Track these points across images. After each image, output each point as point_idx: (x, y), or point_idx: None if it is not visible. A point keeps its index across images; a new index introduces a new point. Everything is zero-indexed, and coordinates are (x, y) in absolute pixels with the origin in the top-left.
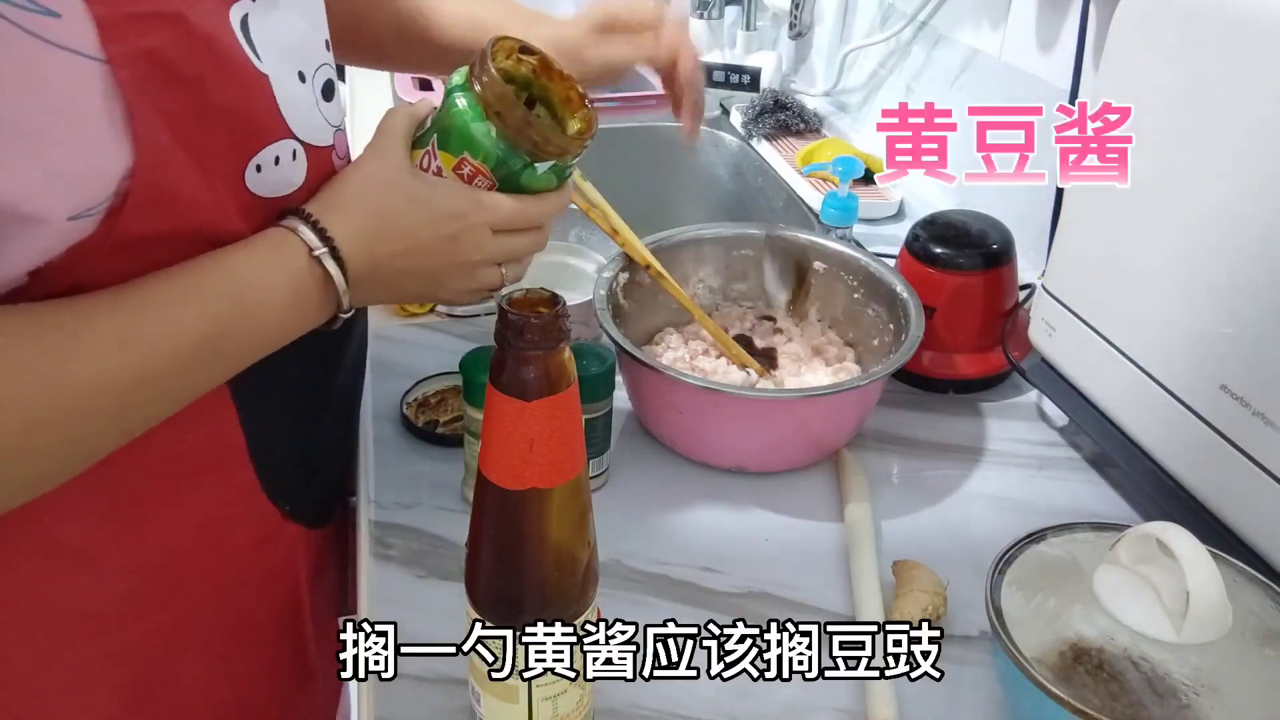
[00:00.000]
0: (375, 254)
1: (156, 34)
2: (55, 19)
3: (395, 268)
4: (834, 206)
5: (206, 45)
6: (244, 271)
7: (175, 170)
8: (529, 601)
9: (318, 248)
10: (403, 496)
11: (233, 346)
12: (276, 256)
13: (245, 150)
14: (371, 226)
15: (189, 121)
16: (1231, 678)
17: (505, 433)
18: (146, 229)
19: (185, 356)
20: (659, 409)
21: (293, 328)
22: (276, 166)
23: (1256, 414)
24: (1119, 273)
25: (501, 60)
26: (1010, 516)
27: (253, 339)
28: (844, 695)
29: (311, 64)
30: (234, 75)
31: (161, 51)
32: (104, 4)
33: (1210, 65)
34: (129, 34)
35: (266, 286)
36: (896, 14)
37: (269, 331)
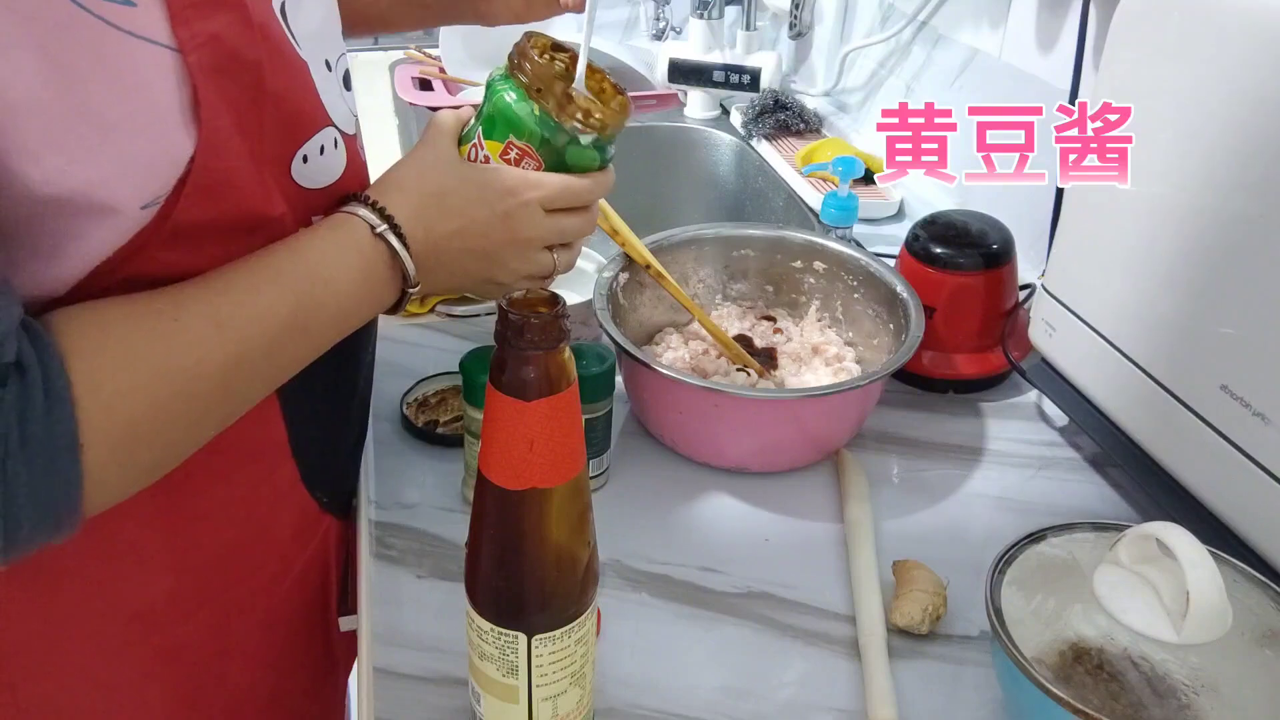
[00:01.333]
0: (433, 232)
1: (219, 19)
2: (131, 8)
3: (453, 247)
4: (834, 206)
5: (263, 32)
6: (314, 253)
7: (231, 158)
8: (529, 601)
9: (379, 225)
10: (403, 496)
11: (316, 326)
12: (342, 237)
13: (294, 139)
14: (428, 205)
15: (246, 108)
16: (1231, 678)
17: (505, 433)
18: (200, 217)
19: (275, 336)
20: (659, 409)
21: (367, 305)
22: (321, 156)
23: (1256, 414)
24: (1119, 273)
25: (536, 57)
26: (1010, 516)
27: (332, 317)
28: (844, 695)
29: (335, 52)
30: (285, 63)
31: (224, 37)
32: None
33: (1210, 65)
34: (195, 19)
35: (338, 265)
36: (896, 14)
37: (346, 309)
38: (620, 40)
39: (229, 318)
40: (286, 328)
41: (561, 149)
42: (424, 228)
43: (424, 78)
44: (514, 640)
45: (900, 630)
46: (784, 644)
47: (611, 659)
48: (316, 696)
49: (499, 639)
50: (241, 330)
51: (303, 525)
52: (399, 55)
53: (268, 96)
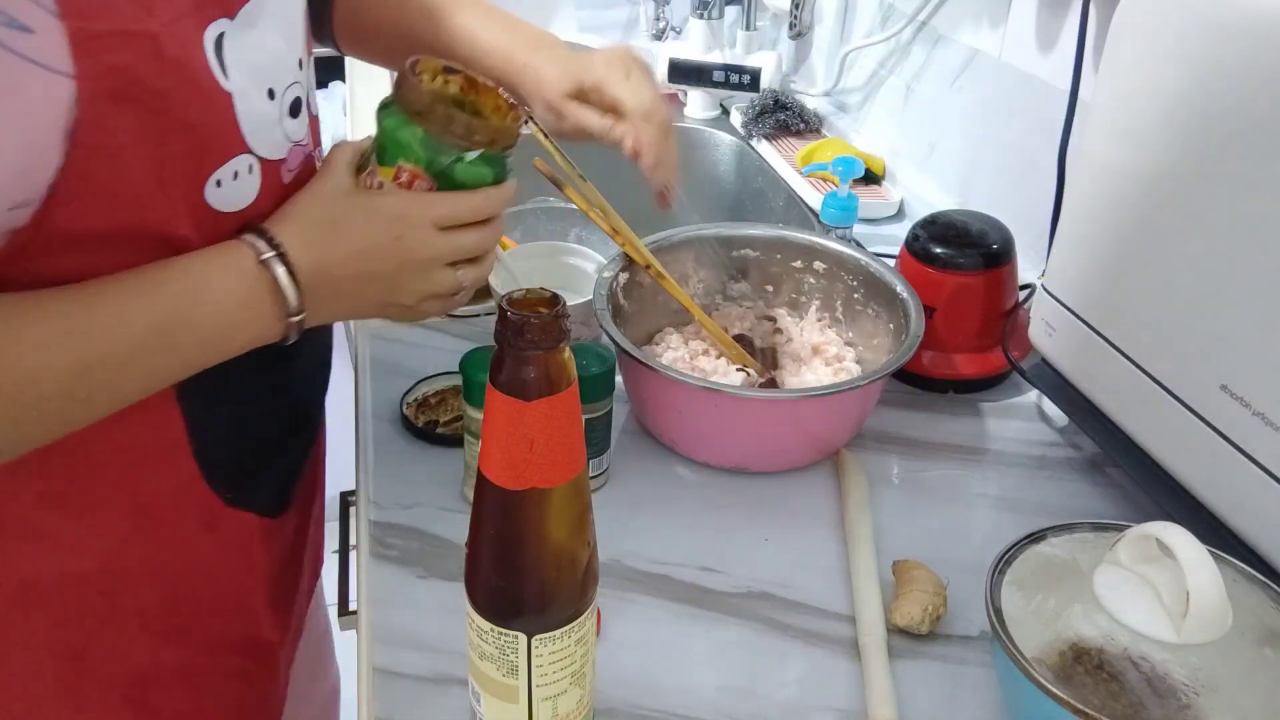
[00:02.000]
0: (324, 260)
1: (127, 51)
2: (29, 34)
3: (347, 274)
4: (834, 206)
5: (174, 65)
6: (194, 272)
7: (123, 173)
8: (529, 601)
9: (265, 252)
10: (403, 496)
11: (180, 344)
12: (227, 260)
13: (205, 164)
14: (319, 233)
15: (147, 132)
16: (1231, 678)
17: (505, 433)
18: (89, 225)
19: (129, 348)
20: (659, 409)
21: (244, 331)
22: (235, 181)
23: (1256, 414)
24: (1119, 273)
25: (428, 82)
26: (1010, 516)
27: (201, 339)
28: (844, 695)
29: (282, 81)
30: (198, 94)
31: (129, 68)
32: (79, 20)
33: (1210, 65)
34: (99, 50)
35: (216, 287)
36: (896, 14)
37: (219, 334)
38: (620, 40)
39: (84, 325)
40: (145, 342)
41: (449, 168)
42: (313, 256)
43: None
44: (514, 640)
45: (900, 630)
46: (784, 644)
47: (611, 659)
48: (238, 676)
49: (499, 639)
50: (94, 338)
51: (206, 520)
52: None
53: (175, 125)
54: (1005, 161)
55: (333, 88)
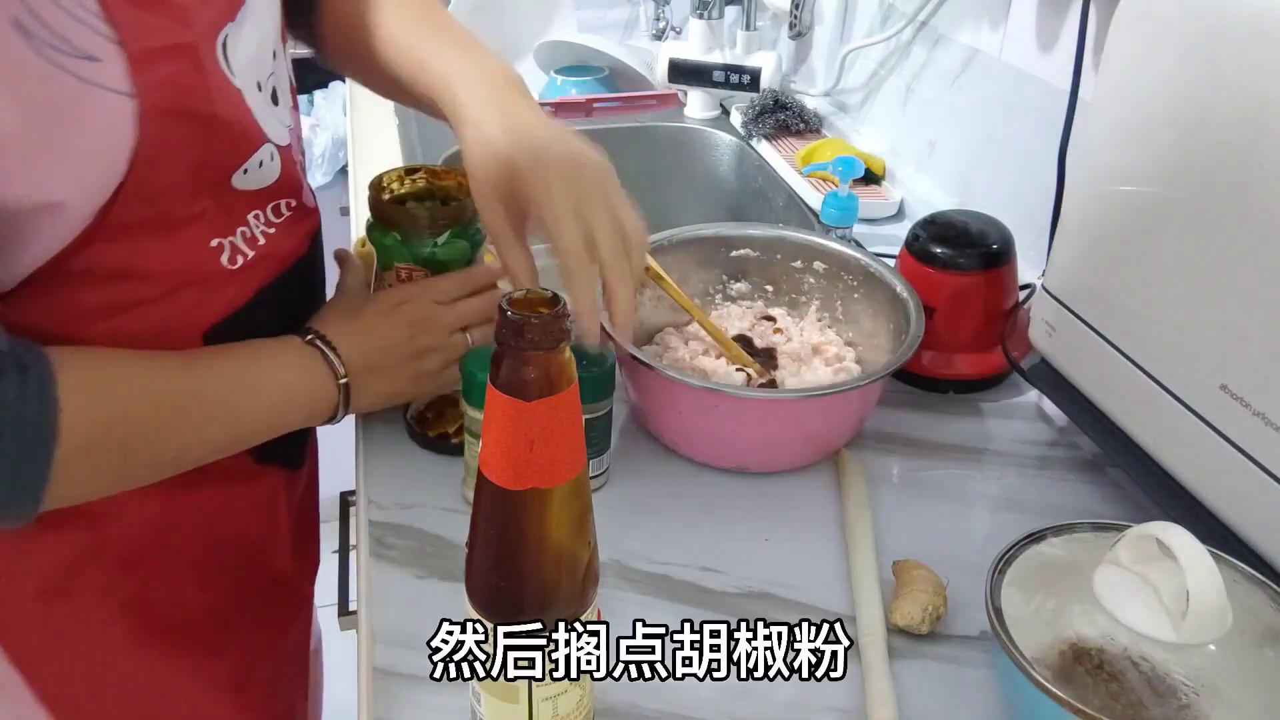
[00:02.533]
0: (357, 349)
1: (174, 65)
2: (96, 63)
3: (378, 361)
4: (834, 206)
5: (210, 72)
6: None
7: (170, 174)
8: (529, 601)
9: (307, 334)
10: (403, 496)
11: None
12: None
13: (237, 158)
14: (346, 328)
15: (192, 138)
16: (1231, 678)
17: (505, 433)
18: (135, 217)
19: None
20: (659, 409)
21: (303, 401)
22: (260, 169)
23: (1256, 414)
24: (1119, 272)
25: (396, 188)
26: (1010, 516)
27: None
28: (844, 695)
29: (265, 72)
30: (224, 95)
31: (178, 81)
32: (136, 41)
33: (1210, 65)
34: (154, 67)
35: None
36: (896, 14)
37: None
38: (620, 40)
39: (189, 361)
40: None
41: (430, 255)
42: (348, 345)
43: None
44: None
45: (900, 630)
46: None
47: None
48: (260, 618)
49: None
50: (199, 375)
51: (242, 477)
52: None
53: (214, 126)
54: (1005, 161)
55: (333, 88)
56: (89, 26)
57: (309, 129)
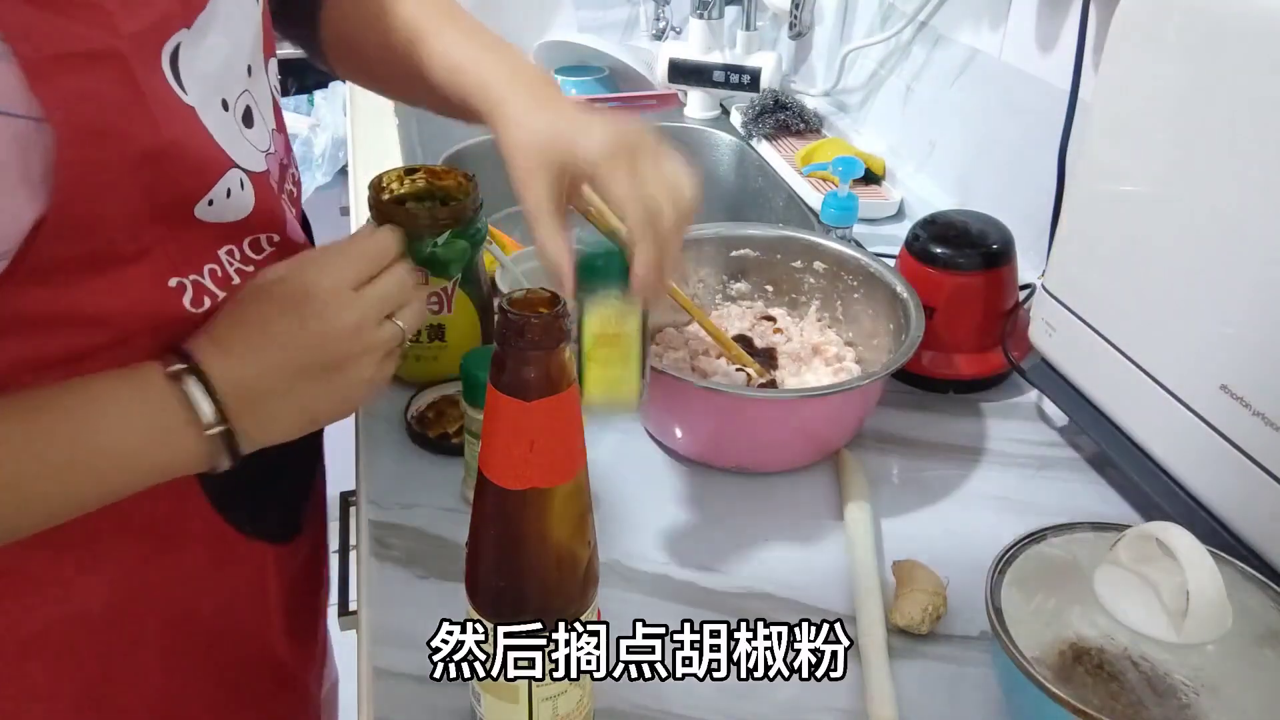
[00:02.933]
0: (254, 366)
1: (92, 76)
2: None
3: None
4: (834, 206)
5: (144, 85)
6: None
7: (105, 206)
8: (529, 601)
9: (174, 365)
10: (403, 496)
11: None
12: (131, 382)
13: (196, 186)
14: (234, 341)
15: (130, 164)
16: (1231, 678)
17: (505, 433)
18: (65, 254)
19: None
20: (659, 409)
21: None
22: (228, 199)
23: (1256, 414)
24: (1119, 273)
25: (395, 188)
26: (1010, 516)
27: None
28: (844, 695)
29: (233, 91)
30: (171, 113)
31: (100, 94)
32: (31, 45)
33: (1210, 65)
34: (63, 76)
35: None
36: (896, 14)
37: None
38: (620, 40)
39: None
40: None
41: (430, 255)
42: (233, 362)
43: None
44: None
45: (900, 630)
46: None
47: None
48: (262, 707)
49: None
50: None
51: (221, 555)
52: None
53: (161, 149)
54: (1005, 161)
55: (333, 88)
56: None
57: (309, 129)
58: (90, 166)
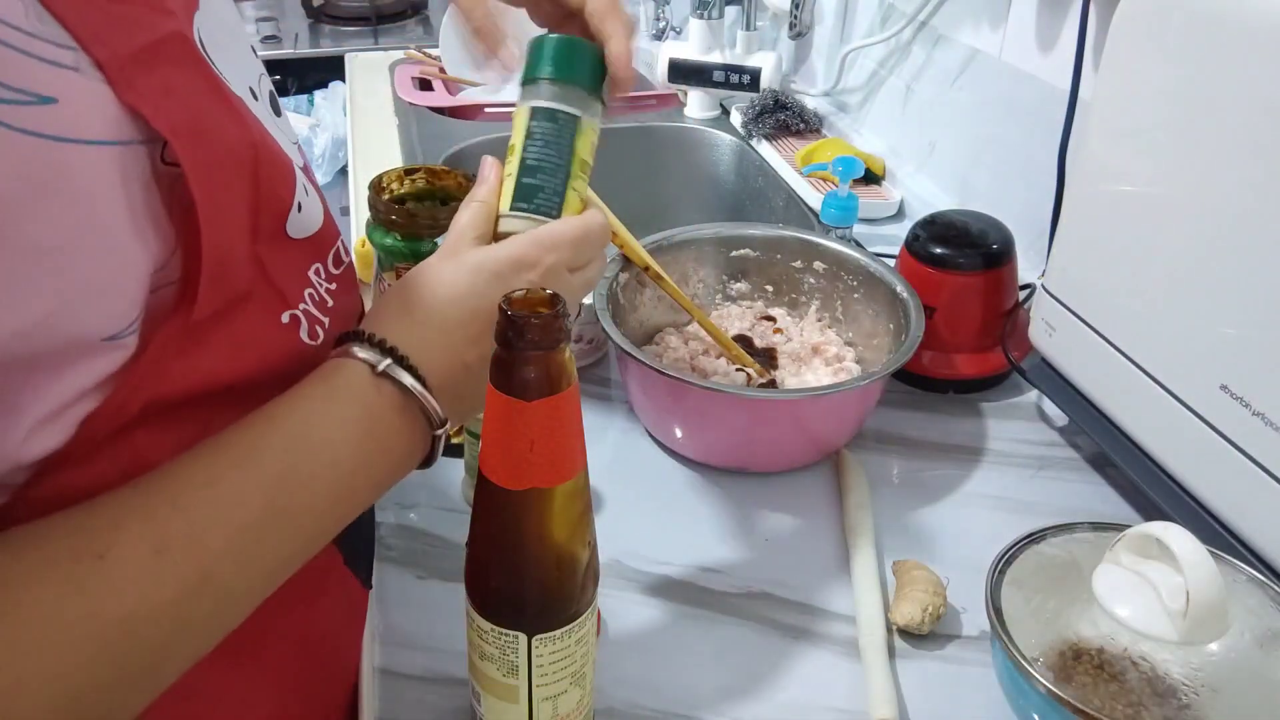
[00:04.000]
0: (455, 347)
1: (170, 67)
2: (51, 106)
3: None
4: (834, 206)
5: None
6: (295, 417)
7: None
8: (529, 601)
9: (380, 361)
10: (403, 496)
11: (305, 508)
12: (332, 387)
13: (285, 192)
14: (438, 318)
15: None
16: (1231, 678)
17: (505, 433)
18: (208, 313)
19: (245, 539)
20: (659, 409)
21: (383, 467)
22: (308, 197)
23: (1256, 414)
24: (1119, 273)
25: (395, 188)
26: (1010, 516)
27: (329, 494)
28: (844, 695)
29: (253, 76)
30: (229, 100)
31: (182, 88)
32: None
33: (1210, 65)
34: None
35: (329, 425)
36: (896, 14)
37: (350, 479)
38: None
39: (175, 535)
40: (262, 523)
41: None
42: (442, 347)
43: (424, 78)
44: (514, 640)
45: (900, 630)
46: (784, 644)
47: (611, 659)
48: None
49: (499, 639)
50: (195, 547)
51: (348, 610)
52: (399, 55)
53: (241, 144)
54: (1005, 161)
55: (333, 87)
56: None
57: (309, 129)
58: (211, 179)
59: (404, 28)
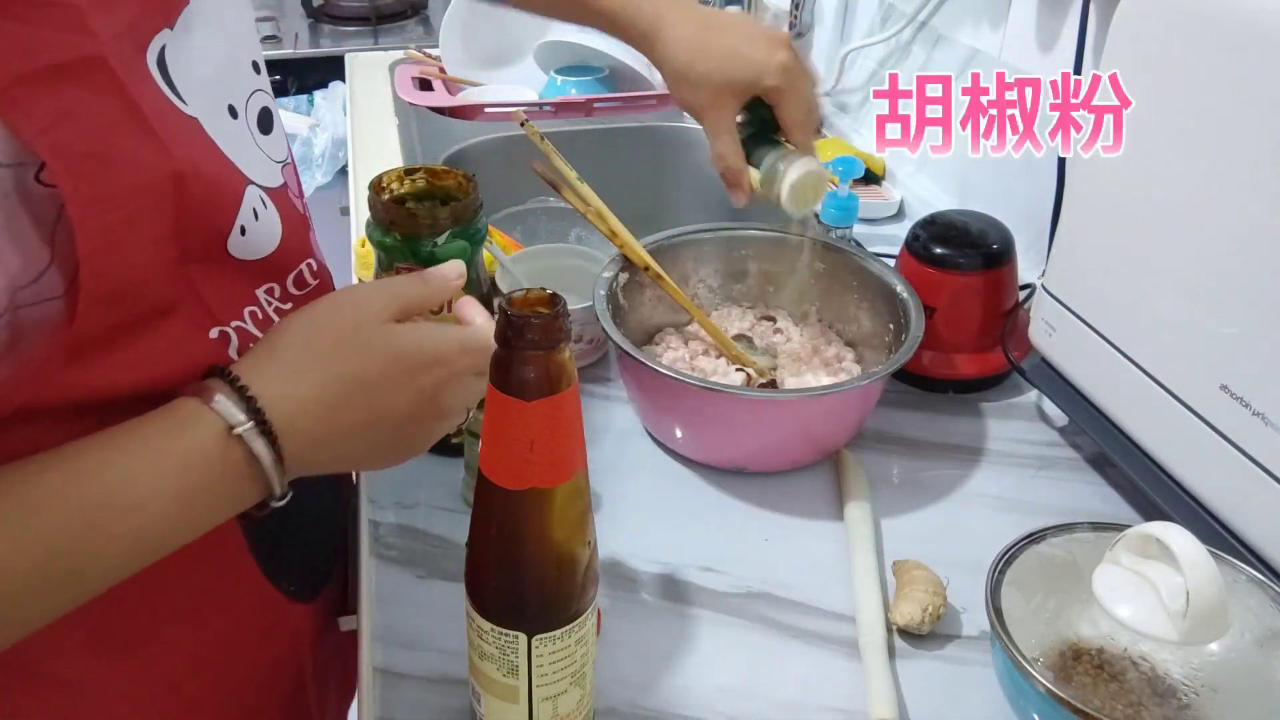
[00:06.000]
0: (335, 424)
1: (73, 90)
2: None
3: (358, 436)
4: (834, 206)
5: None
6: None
7: (125, 253)
8: (529, 601)
9: (240, 425)
10: (403, 496)
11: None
12: (174, 440)
13: (224, 215)
14: (329, 395)
15: (137, 196)
16: (1231, 678)
17: (505, 433)
18: (99, 326)
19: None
20: (659, 409)
21: (201, 523)
22: (257, 222)
23: (1256, 414)
24: (1119, 273)
25: (395, 188)
26: (1010, 516)
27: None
28: (844, 695)
29: (241, 93)
30: (175, 127)
31: (86, 112)
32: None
33: (1210, 65)
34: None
35: (154, 481)
36: (896, 14)
37: (160, 535)
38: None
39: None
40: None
41: (430, 255)
42: (315, 424)
43: (424, 78)
44: (514, 640)
45: (900, 630)
46: (784, 644)
47: (611, 659)
48: None
49: (499, 639)
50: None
51: (268, 624)
52: (399, 55)
53: (168, 172)
54: (1005, 161)
55: (333, 87)
56: None
57: (309, 129)
58: (99, 204)
59: (404, 28)
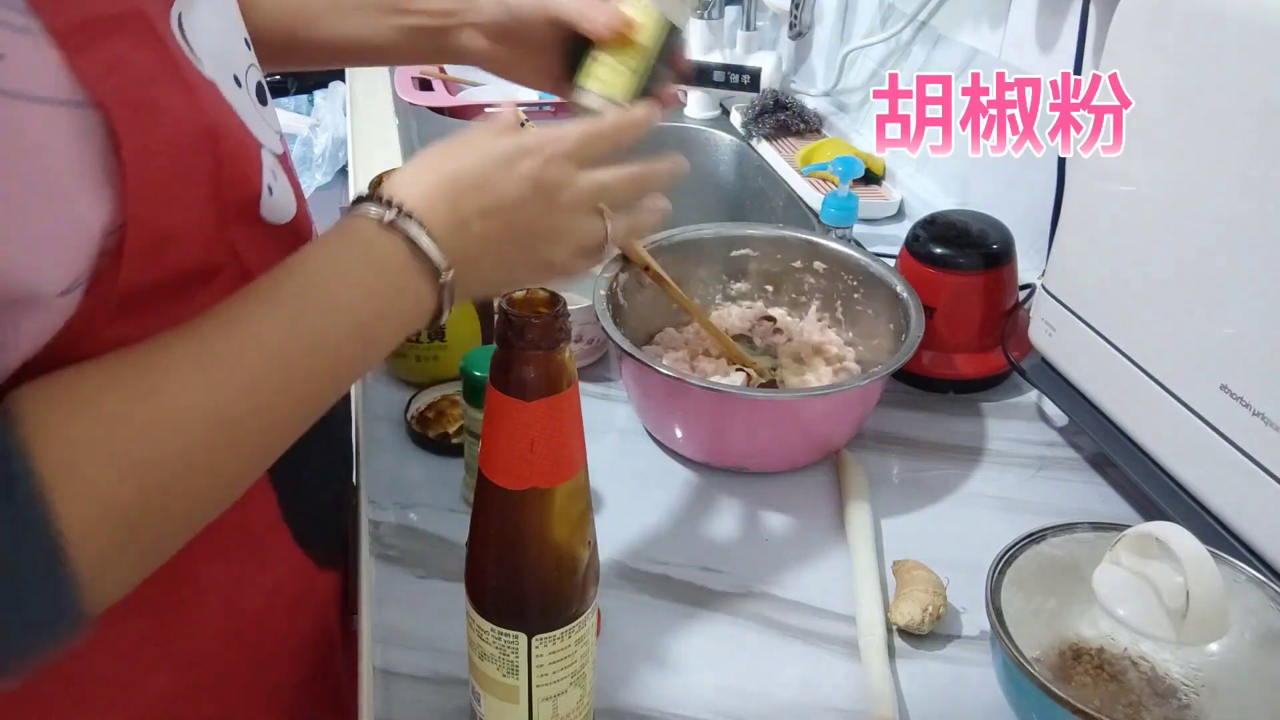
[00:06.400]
0: (460, 210)
1: (123, 41)
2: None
3: (491, 230)
4: (834, 206)
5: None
6: (311, 266)
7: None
8: (530, 601)
9: (386, 214)
10: (403, 497)
11: (324, 340)
12: (345, 239)
13: (253, 176)
14: (445, 186)
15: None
16: (1231, 678)
17: (505, 433)
18: (144, 283)
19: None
20: (659, 409)
21: (396, 317)
22: (276, 182)
23: (1256, 414)
24: (1119, 272)
25: None
26: (1010, 516)
27: (345, 330)
28: (844, 695)
29: (241, 65)
30: (202, 88)
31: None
32: (59, 14)
33: (1210, 65)
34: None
35: (344, 272)
36: (896, 14)
37: (365, 321)
38: None
39: (220, 354)
40: (287, 344)
41: None
42: (446, 207)
43: (424, 78)
44: (514, 640)
45: (900, 630)
46: (784, 644)
47: (611, 659)
48: None
49: (499, 639)
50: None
51: (299, 590)
52: None
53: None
54: (1005, 161)
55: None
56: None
57: (309, 129)
58: (151, 153)
59: None
